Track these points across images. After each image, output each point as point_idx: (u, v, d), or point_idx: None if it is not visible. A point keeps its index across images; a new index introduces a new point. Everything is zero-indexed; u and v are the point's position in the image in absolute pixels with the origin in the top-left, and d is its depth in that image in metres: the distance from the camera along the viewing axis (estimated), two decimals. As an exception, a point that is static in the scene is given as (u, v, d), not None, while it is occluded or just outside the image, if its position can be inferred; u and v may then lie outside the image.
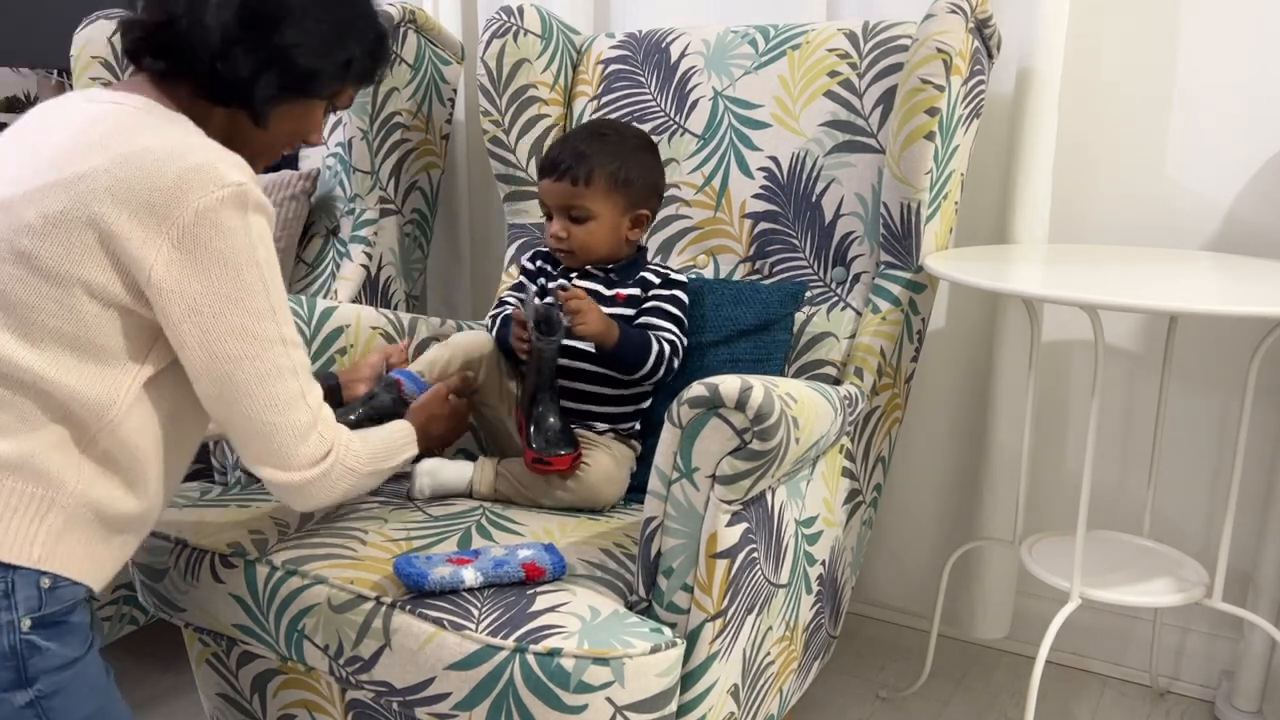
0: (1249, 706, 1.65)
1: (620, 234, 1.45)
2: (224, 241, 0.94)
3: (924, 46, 1.37)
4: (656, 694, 1.02)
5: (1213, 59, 1.59)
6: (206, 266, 0.93)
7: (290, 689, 1.26)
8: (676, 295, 1.46)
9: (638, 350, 1.38)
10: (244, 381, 0.97)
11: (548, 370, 1.34)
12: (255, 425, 0.99)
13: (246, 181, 0.95)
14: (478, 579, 1.08)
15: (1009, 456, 1.72)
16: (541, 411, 1.33)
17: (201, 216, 0.92)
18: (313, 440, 1.02)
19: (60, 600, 0.95)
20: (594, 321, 1.33)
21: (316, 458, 1.03)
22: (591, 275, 1.47)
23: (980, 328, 1.81)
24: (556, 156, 1.43)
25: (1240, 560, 1.68)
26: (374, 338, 1.55)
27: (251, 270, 0.96)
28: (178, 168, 0.93)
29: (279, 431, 1.00)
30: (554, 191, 1.43)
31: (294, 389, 1.00)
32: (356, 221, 1.94)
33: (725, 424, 1.02)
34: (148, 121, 0.97)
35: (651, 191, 1.47)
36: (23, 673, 0.92)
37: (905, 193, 1.42)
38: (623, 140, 1.44)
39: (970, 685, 1.79)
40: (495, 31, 1.69)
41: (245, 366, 0.97)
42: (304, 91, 1.08)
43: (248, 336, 0.96)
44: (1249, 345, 1.64)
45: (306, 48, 1.05)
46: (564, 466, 1.32)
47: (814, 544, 1.30)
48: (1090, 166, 1.69)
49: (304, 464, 1.02)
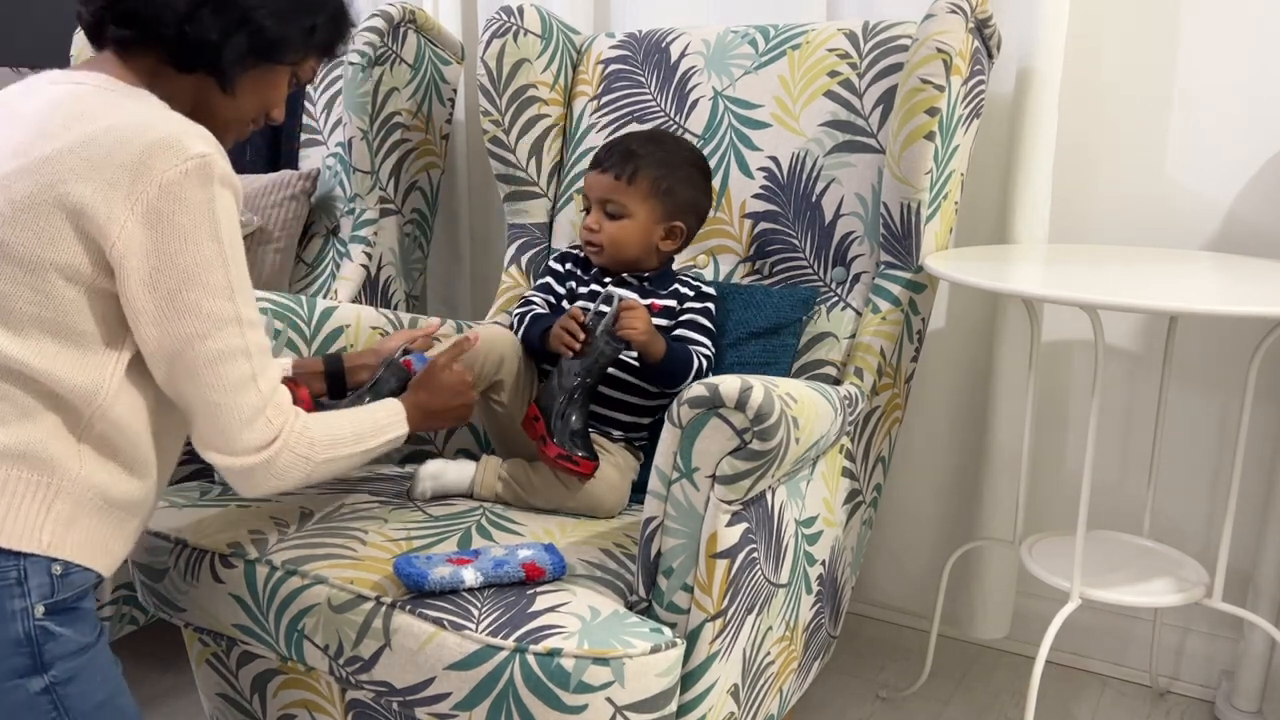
0: (1249, 706, 1.65)
1: (651, 240, 1.45)
2: (186, 215, 0.92)
3: (924, 46, 1.37)
4: (656, 694, 1.02)
5: (1213, 59, 1.59)
6: (166, 240, 0.92)
7: (290, 689, 1.26)
8: (710, 309, 1.47)
9: (682, 364, 1.38)
10: (193, 360, 0.95)
11: (597, 373, 1.34)
12: (201, 406, 0.97)
13: (212, 153, 0.94)
14: (478, 579, 1.08)
15: (1009, 456, 1.72)
16: (574, 413, 1.32)
17: (166, 190, 0.91)
18: (259, 425, 0.99)
19: (72, 586, 0.95)
20: (648, 332, 1.33)
21: (261, 443, 0.99)
22: (626, 284, 1.47)
23: (980, 328, 1.81)
24: (611, 147, 1.44)
25: (1240, 560, 1.68)
26: (374, 338, 1.55)
27: (211, 246, 0.94)
28: (142, 142, 0.92)
29: (224, 413, 0.97)
30: (597, 183, 1.44)
31: (245, 371, 0.98)
32: (356, 221, 1.94)
33: (725, 424, 1.02)
34: (110, 100, 0.97)
35: (691, 208, 1.46)
36: (38, 658, 0.93)
37: (905, 193, 1.42)
38: (677, 152, 1.45)
39: (970, 685, 1.79)
40: (495, 31, 1.69)
41: (196, 345, 0.95)
42: (270, 56, 1.07)
43: (201, 314, 0.94)
44: (1249, 345, 1.64)
45: (270, 10, 1.04)
46: (587, 471, 1.31)
47: (814, 544, 1.30)
48: (1090, 166, 1.69)
49: (247, 449, 0.99)
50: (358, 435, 1.10)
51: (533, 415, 1.35)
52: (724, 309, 1.51)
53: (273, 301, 1.44)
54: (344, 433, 1.08)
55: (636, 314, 1.33)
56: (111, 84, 0.99)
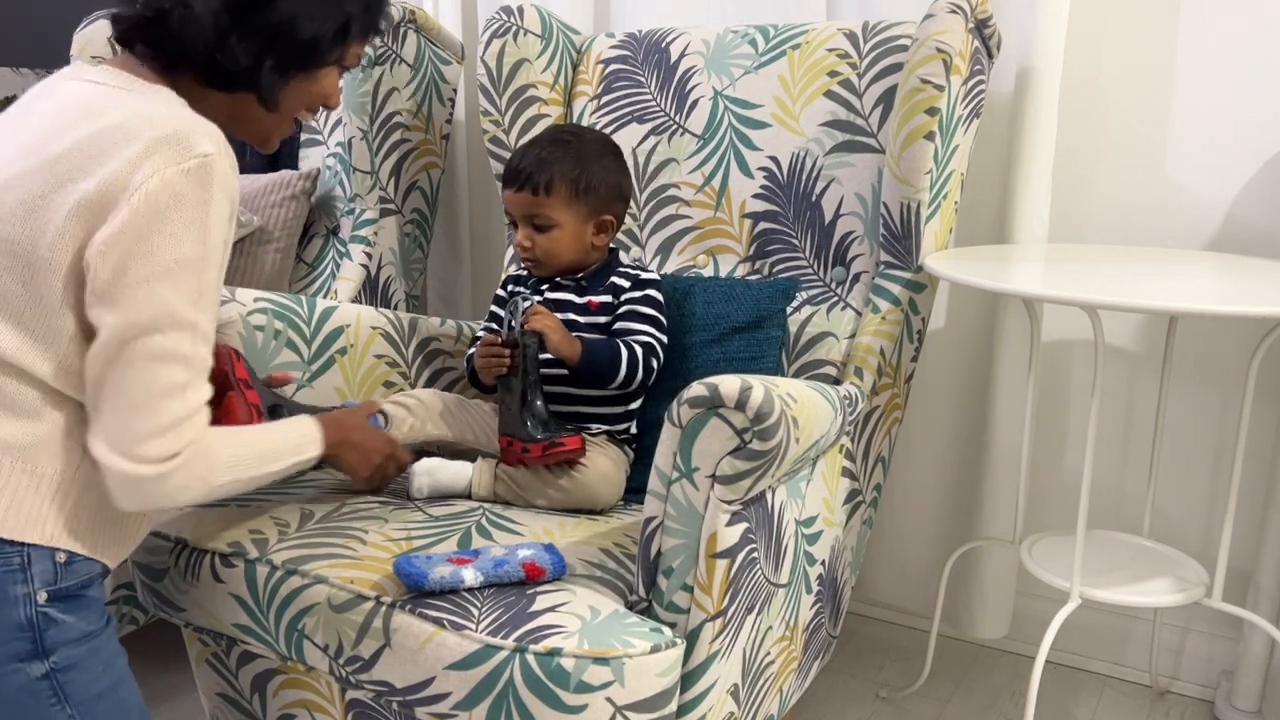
0: (1249, 706, 1.65)
1: (585, 241, 1.45)
2: (179, 212, 0.91)
3: (924, 46, 1.37)
4: (656, 694, 1.02)
5: (1213, 59, 1.59)
6: (151, 233, 0.90)
7: (290, 689, 1.26)
8: (649, 295, 1.46)
9: (605, 363, 1.38)
10: (133, 352, 0.91)
11: (533, 366, 1.35)
12: (119, 399, 0.92)
13: (216, 154, 0.93)
14: (478, 579, 1.08)
15: (1009, 456, 1.72)
16: (535, 408, 1.34)
17: (165, 184, 0.90)
18: (168, 439, 0.94)
19: (76, 574, 0.95)
20: (556, 341, 1.34)
21: (162, 456, 0.93)
22: (563, 285, 1.48)
23: (980, 328, 1.81)
24: (517, 165, 1.43)
25: (1240, 560, 1.68)
26: (374, 338, 1.55)
27: (194, 248, 0.92)
28: (149, 137, 0.91)
29: (139, 414, 0.92)
30: (516, 201, 1.43)
31: (178, 379, 0.93)
32: (356, 221, 1.94)
33: (725, 424, 1.02)
34: (122, 97, 0.96)
35: (615, 196, 1.46)
36: (39, 644, 0.93)
37: (905, 193, 1.42)
38: (584, 146, 1.44)
39: (970, 685, 1.79)
40: (495, 31, 1.69)
41: (143, 338, 0.91)
42: (309, 64, 1.06)
43: (163, 310, 0.91)
44: (1249, 345, 1.64)
45: (302, 17, 1.02)
46: (576, 445, 1.32)
47: (814, 544, 1.30)
48: (1090, 166, 1.69)
49: (144, 458, 0.93)
50: (262, 455, 1.05)
51: (505, 445, 1.36)
52: (703, 303, 1.51)
53: (273, 301, 1.44)
54: (248, 453, 1.03)
55: (546, 320, 1.35)
56: (129, 81, 0.99)
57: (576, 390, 1.43)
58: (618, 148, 1.49)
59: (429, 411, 1.44)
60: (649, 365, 1.41)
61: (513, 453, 1.34)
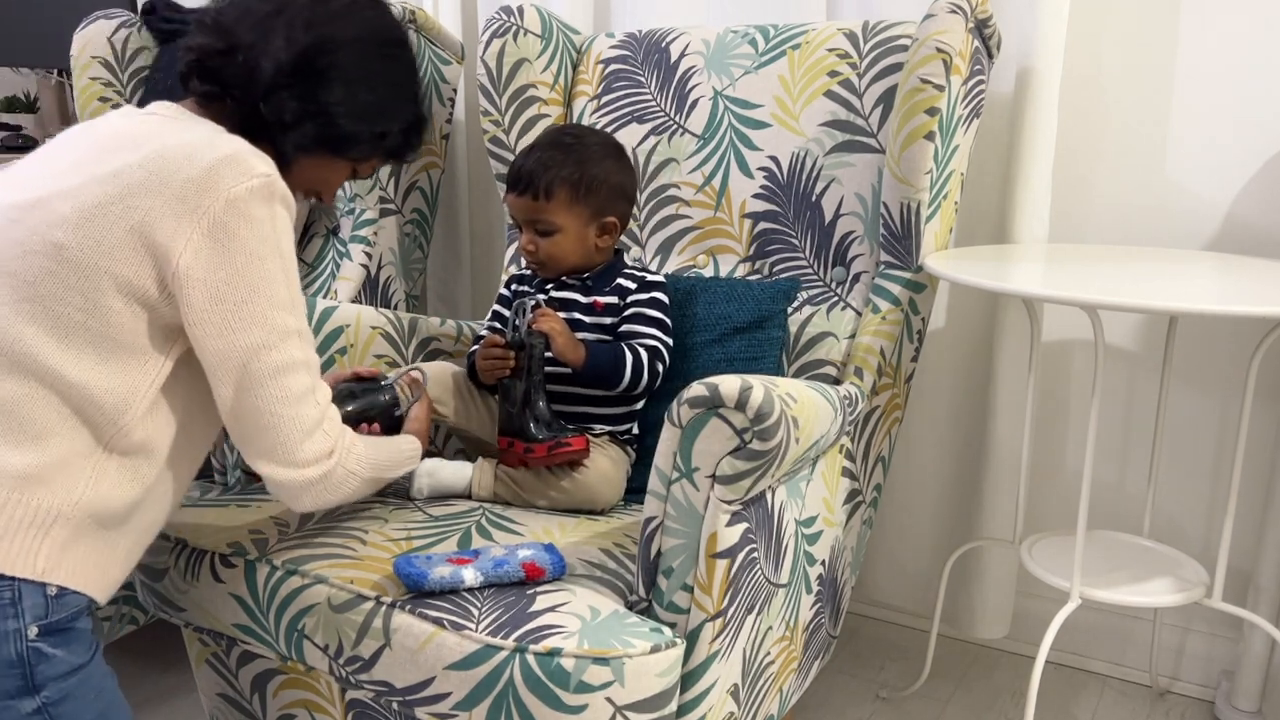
0: (1249, 706, 1.65)
1: (588, 243, 1.45)
2: (251, 231, 0.95)
3: (924, 46, 1.37)
4: (656, 694, 1.02)
5: (1213, 59, 1.59)
6: (233, 255, 0.95)
7: (290, 689, 1.26)
8: (655, 297, 1.46)
9: (609, 368, 1.38)
10: (259, 371, 0.97)
11: (538, 368, 1.35)
12: (264, 418, 0.99)
13: (273, 173, 0.98)
14: (478, 579, 1.08)
15: (1009, 456, 1.72)
16: (538, 409, 1.34)
17: (231, 205, 0.94)
18: (318, 437, 1.01)
19: (67, 607, 0.95)
20: (561, 345, 1.34)
21: (320, 455, 1.02)
22: (568, 285, 1.47)
23: (980, 328, 1.81)
24: (518, 169, 1.42)
25: (1240, 560, 1.69)
26: (374, 338, 1.55)
27: (275, 261, 0.97)
28: (209, 159, 0.95)
29: (285, 424, 0.99)
30: (518, 206, 1.43)
31: (306, 383, 1.01)
32: (356, 221, 1.94)
33: (725, 424, 1.02)
34: (177, 126, 1.01)
35: (618, 197, 1.46)
36: (30, 680, 0.92)
37: (905, 193, 1.42)
38: (585, 147, 1.43)
39: (970, 685, 1.79)
40: (495, 31, 1.69)
41: (263, 356, 0.97)
42: (335, 150, 1.12)
43: (268, 326, 0.97)
44: (1249, 345, 1.64)
45: (347, 111, 1.09)
46: (582, 445, 1.32)
47: (814, 544, 1.30)
48: (1090, 166, 1.69)
49: (307, 461, 1.01)
50: (390, 463, 1.13)
51: (505, 446, 1.35)
52: (704, 304, 1.51)
53: (273, 301, 1.44)
54: (381, 457, 1.11)
55: (552, 323, 1.35)
56: (180, 113, 1.05)
57: (581, 390, 1.43)
58: (621, 148, 1.49)
59: (438, 386, 1.43)
60: (654, 369, 1.41)
61: (514, 454, 1.34)
